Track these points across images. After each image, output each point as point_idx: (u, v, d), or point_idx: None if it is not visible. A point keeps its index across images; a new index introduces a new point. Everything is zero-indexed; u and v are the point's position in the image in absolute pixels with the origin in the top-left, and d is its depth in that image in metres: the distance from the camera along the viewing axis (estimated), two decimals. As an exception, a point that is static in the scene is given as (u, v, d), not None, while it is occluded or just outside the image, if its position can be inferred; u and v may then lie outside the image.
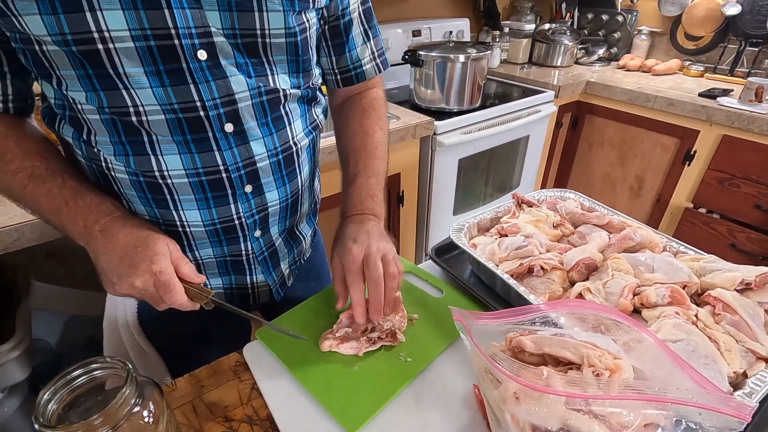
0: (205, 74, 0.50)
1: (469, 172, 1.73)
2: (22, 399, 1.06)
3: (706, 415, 0.37)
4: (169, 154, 0.53)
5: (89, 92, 0.48)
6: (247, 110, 0.55)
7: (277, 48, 0.54)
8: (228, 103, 0.53)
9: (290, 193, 0.66)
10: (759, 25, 1.87)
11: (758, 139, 1.60)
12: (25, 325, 1.04)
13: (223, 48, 0.50)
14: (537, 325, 0.49)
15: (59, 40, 0.43)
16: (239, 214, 0.61)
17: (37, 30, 0.43)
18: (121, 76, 0.47)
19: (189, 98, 0.50)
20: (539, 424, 0.38)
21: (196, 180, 0.56)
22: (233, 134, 0.55)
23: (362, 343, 0.57)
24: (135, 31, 0.45)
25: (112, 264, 0.50)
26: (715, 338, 0.51)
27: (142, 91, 0.48)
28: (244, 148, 0.57)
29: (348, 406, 0.50)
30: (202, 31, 0.48)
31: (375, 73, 0.73)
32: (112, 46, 0.45)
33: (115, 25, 0.44)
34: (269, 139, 0.59)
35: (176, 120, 0.51)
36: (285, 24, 0.53)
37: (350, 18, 0.66)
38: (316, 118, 0.68)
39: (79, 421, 0.35)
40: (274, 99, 0.57)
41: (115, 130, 0.51)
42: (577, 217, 0.76)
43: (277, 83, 0.57)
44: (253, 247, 0.66)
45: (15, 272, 1.15)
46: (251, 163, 0.58)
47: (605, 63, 2.33)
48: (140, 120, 0.50)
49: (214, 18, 0.48)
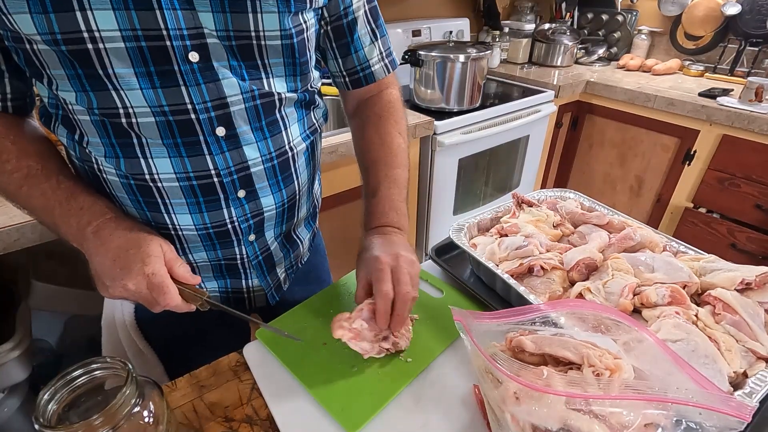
0: (196, 77, 0.49)
1: (469, 172, 1.73)
2: (22, 399, 1.06)
3: (706, 415, 0.37)
4: (159, 158, 0.52)
5: (79, 92, 0.47)
6: (240, 114, 0.54)
7: (272, 50, 0.53)
8: (220, 106, 0.52)
9: (287, 198, 0.65)
10: (759, 24, 1.87)
11: (758, 139, 1.60)
12: (25, 325, 1.04)
13: (216, 50, 0.49)
14: (537, 325, 0.49)
15: (49, 39, 0.43)
16: (232, 219, 0.60)
17: (27, 29, 0.42)
18: (110, 77, 0.46)
19: (180, 101, 0.49)
20: (539, 424, 0.38)
21: (187, 184, 0.55)
22: (225, 138, 0.54)
23: (374, 348, 0.55)
24: (126, 32, 0.44)
25: (105, 266, 0.49)
26: (715, 338, 0.51)
27: (131, 92, 0.47)
28: (237, 153, 0.55)
29: (348, 407, 0.50)
30: (194, 32, 0.47)
31: (385, 74, 0.71)
32: (102, 46, 0.44)
33: (106, 25, 0.43)
34: (263, 144, 0.58)
35: (166, 123, 0.50)
36: (280, 25, 0.52)
37: (354, 17, 0.64)
38: (315, 122, 0.66)
39: (79, 421, 0.35)
40: (269, 103, 0.56)
41: (105, 131, 0.51)
42: (577, 217, 0.76)
43: (273, 87, 0.55)
44: (248, 252, 0.65)
45: (15, 272, 1.15)
46: (244, 168, 0.57)
47: (605, 63, 2.33)
48: (130, 122, 0.49)
49: (207, 19, 0.47)
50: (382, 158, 0.67)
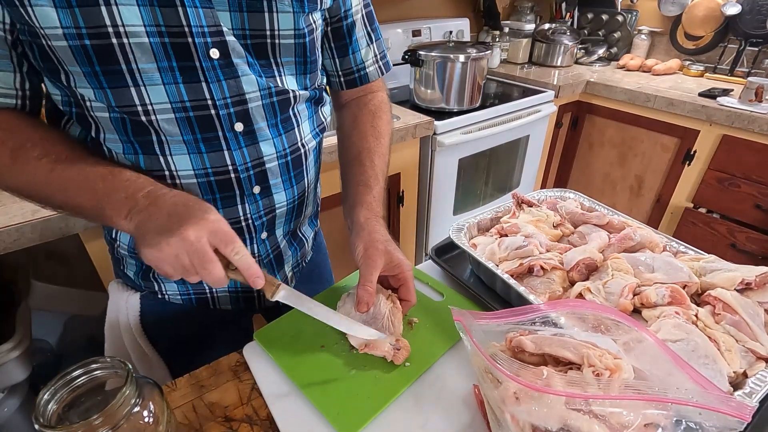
0: (216, 73, 0.50)
1: (469, 172, 1.73)
2: (22, 399, 1.06)
3: (706, 415, 0.37)
4: (178, 154, 0.53)
5: (96, 89, 0.48)
6: (258, 110, 0.55)
7: (285, 49, 0.55)
8: (239, 102, 0.53)
9: (297, 194, 0.66)
10: (759, 24, 1.87)
11: (758, 139, 1.60)
12: (25, 325, 1.04)
13: (234, 48, 0.50)
14: (537, 325, 0.49)
15: (73, 33, 0.43)
16: (247, 216, 0.61)
17: (47, 22, 0.42)
18: (134, 72, 0.47)
19: (201, 96, 0.50)
20: (539, 424, 0.38)
21: (204, 180, 0.56)
22: (243, 134, 0.55)
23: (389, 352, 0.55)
24: (150, 27, 0.45)
25: (159, 223, 0.45)
26: (715, 338, 0.51)
27: (153, 88, 0.48)
28: (254, 149, 0.57)
29: (344, 411, 0.49)
30: (214, 30, 0.48)
31: (378, 76, 0.74)
32: (127, 41, 0.45)
33: (131, 20, 0.44)
34: (278, 140, 0.59)
35: (186, 119, 0.51)
36: (295, 25, 0.54)
37: (353, 20, 0.66)
38: (324, 120, 0.68)
39: (79, 421, 0.35)
40: (284, 100, 0.58)
41: (123, 129, 0.51)
42: (577, 217, 0.76)
43: (286, 84, 0.57)
44: (260, 250, 0.67)
45: (15, 272, 1.15)
46: (260, 164, 0.58)
47: (605, 63, 2.33)
48: (149, 119, 0.50)
49: (224, 18, 0.48)
50: (377, 151, 0.70)
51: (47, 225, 0.88)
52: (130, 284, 0.70)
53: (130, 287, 0.70)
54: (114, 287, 0.71)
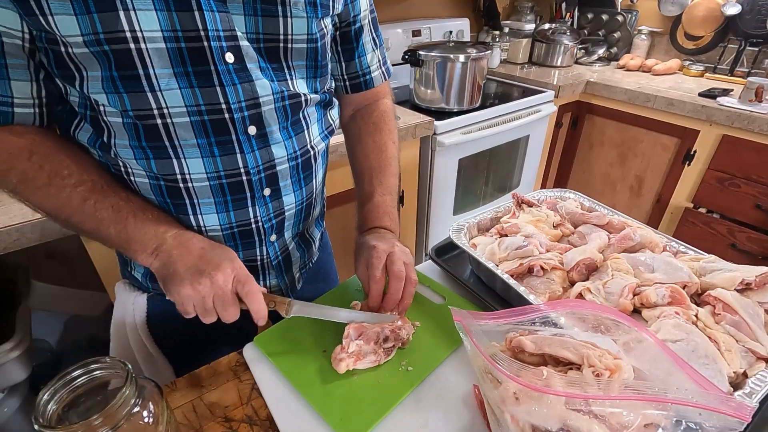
0: (232, 77, 0.50)
1: (469, 172, 1.73)
2: (22, 399, 1.06)
3: (706, 415, 0.37)
4: (192, 158, 0.54)
5: (111, 94, 0.48)
6: (270, 114, 0.56)
7: (297, 53, 0.56)
8: (252, 106, 0.53)
9: (305, 196, 0.67)
10: (759, 25, 1.87)
11: (758, 139, 1.60)
12: (25, 325, 1.04)
13: (248, 52, 0.51)
14: (537, 325, 0.49)
15: (92, 39, 0.43)
16: (257, 218, 0.62)
17: (68, 30, 0.42)
18: (150, 77, 0.47)
19: (215, 100, 0.51)
20: (539, 424, 0.38)
21: (216, 183, 0.56)
22: (256, 137, 0.56)
23: (380, 355, 0.55)
24: (167, 32, 0.45)
25: (190, 263, 0.51)
26: (715, 338, 0.51)
27: (169, 92, 0.48)
28: (266, 151, 0.58)
29: (347, 417, 0.49)
30: (229, 34, 0.49)
31: (382, 80, 0.75)
32: (144, 46, 0.45)
33: (148, 25, 0.44)
34: (289, 143, 0.60)
35: (201, 122, 0.51)
36: (308, 30, 0.55)
37: (361, 25, 0.67)
38: (332, 122, 0.69)
39: (79, 421, 0.35)
40: (296, 104, 0.58)
41: (136, 134, 0.51)
42: (577, 217, 0.76)
43: (297, 88, 0.58)
44: (269, 252, 0.67)
45: (15, 272, 1.15)
46: (271, 166, 0.59)
47: (605, 63, 2.33)
48: (165, 123, 0.50)
49: (239, 22, 0.49)
50: (378, 166, 0.72)
51: (47, 225, 0.88)
52: (137, 285, 0.70)
53: (137, 288, 0.70)
54: (121, 288, 0.71)
